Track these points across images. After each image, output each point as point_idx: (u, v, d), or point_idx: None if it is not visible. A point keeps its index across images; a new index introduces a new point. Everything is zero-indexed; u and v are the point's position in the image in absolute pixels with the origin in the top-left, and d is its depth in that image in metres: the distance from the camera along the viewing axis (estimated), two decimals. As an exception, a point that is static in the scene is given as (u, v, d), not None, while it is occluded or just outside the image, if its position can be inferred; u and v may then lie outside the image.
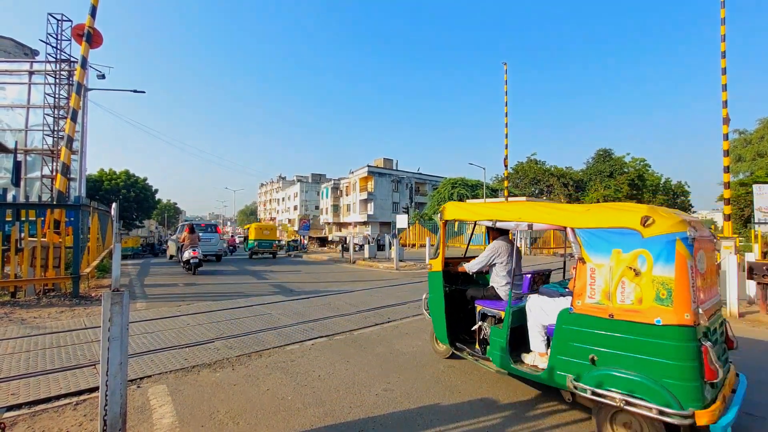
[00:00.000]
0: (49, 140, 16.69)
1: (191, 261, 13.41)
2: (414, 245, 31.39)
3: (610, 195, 41.17)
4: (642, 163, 48.51)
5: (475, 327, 4.15)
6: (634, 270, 2.76)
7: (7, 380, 3.96)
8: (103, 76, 18.84)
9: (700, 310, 2.62)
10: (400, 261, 16.14)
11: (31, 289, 8.73)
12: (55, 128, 16.54)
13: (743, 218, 32.97)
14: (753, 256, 8.40)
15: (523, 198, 32.04)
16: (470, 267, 4.41)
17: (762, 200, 19.81)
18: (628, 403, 2.64)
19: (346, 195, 63.06)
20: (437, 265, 4.47)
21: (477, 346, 4.10)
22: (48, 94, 16.73)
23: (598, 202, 40.46)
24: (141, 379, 4.10)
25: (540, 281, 4.41)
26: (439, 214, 4.59)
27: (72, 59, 16.72)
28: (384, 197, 56.20)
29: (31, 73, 18.12)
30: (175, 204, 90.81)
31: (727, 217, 11.92)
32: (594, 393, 2.81)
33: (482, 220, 4.34)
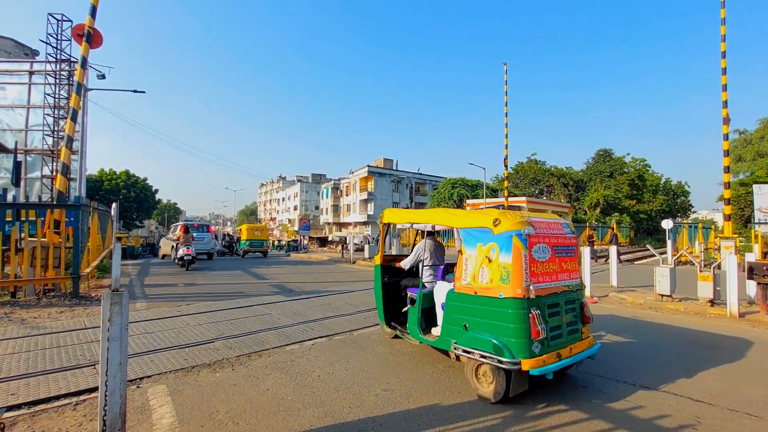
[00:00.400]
0: (49, 140, 16.69)
1: (185, 258, 14.60)
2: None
3: (611, 195, 41.17)
4: (642, 164, 48.53)
5: (405, 309, 4.95)
6: (488, 258, 3.71)
7: (7, 380, 3.96)
8: (103, 76, 18.84)
9: (531, 287, 3.48)
10: (400, 261, 16.11)
11: (31, 289, 8.74)
12: (55, 128, 16.54)
13: (743, 218, 32.97)
14: (753, 256, 8.41)
15: (523, 198, 32.01)
16: (404, 264, 5.21)
17: (762, 200, 19.82)
18: (483, 357, 3.57)
19: (347, 195, 63.05)
20: (377, 260, 5.54)
21: (406, 326, 4.87)
22: (48, 94, 16.73)
23: (598, 202, 40.56)
24: (141, 379, 4.10)
25: (451, 270, 4.95)
26: (379, 218, 5.63)
27: (72, 59, 16.72)
28: (384, 197, 56.19)
29: (31, 73, 18.12)
30: (175, 204, 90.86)
31: (728, 217, 11.92)
32: (465, 351, 3.74)
33: (406, 224, 5.37)
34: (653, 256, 21.00)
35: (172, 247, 17.73)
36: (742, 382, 4.12)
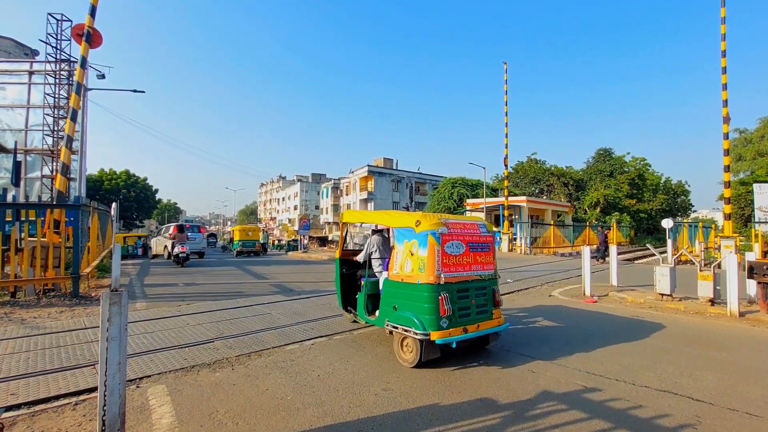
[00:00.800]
0: (49, 140, 16.69)
1: (180, 255, 15.99)
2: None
3: (611, 194, 41.14)
4: (642, 163, 48.51)
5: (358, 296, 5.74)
6: (411, 252, 4.60)
7: (7, 380, 3.96)
8: (103, 76, 18.84)
9: (442, 275, 4.34)
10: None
11: (31, 289, 8.74)
12: (55, 128, 16.54)
13: (744, 217, 32.95)
14: (753, 256, 8.39)
15: (524, 197, 31.99)
16: (359, 258, 5.99)
17: (762, 199, 19.82)
18: (405, 330, 4.45)
19: (347, 195, 63.04)
20: (337, 254, 6.47)
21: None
22: (48, 94, 16.73)
23: (598, 201, 40.53)
24: (140, 379, 4.10)
25: None
26: (338, 218, 6.88)
27: (72, 59, 16.72)
28: (384, 197, 56.18)
29: (31, 73, 18.13)
30: (176, 204, 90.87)
31: (728, 217, 11.92)
32: (393, 327, 4.64)
33: (357, 223, 6.72)
34: (653, 255, 21.01)
35: (165, 246, 18.88)
36: (741, 382, 4.12)
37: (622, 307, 8.29)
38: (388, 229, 6.26)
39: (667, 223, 15.45)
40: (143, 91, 21.09)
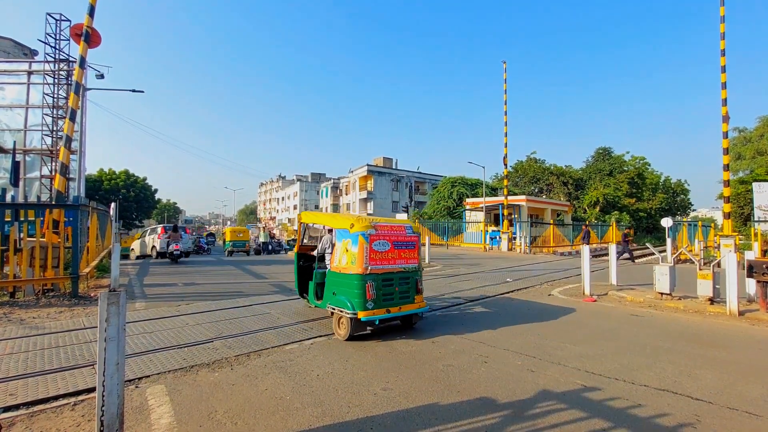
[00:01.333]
0: (48, 140, 16.67)
1: (174, 253, 17.69)
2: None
3: (610, 193, 41.14)
4: (641, 162, 48.52)
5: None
6: (347, 248, 5.66)
7: (6, 380, 3.95)
8: (102, 76, 18.81)
9: (369, 268, 5.40)
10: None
11: (30, 289, 8.73)
12: (54, 128, 16.52)
13: (743, 216, 32.97)
14: (753, 254, 8.39)
15: (523, 196, 31.99)
16: (315, 253, 6.90)
17: (761, 198, 19.82)
18: (341, 311, 5.49)
19: (346, 194, 63.04)
20: (296, 249, 7.57)
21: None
22: (47, 94, 16.71)
23: (598, 200, 40.53)
24: (139, 379, 4.09)
25: None
26: (297, 218, 8.36)
27: (71, 59, 16.70)
28: (384, 196, 56.19)
29: (29, 73, 18.09)
30: (175, 204, 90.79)
31: (727, 215, 11.92)
32: (332, 308, 5.73)
33: (311, 223, 7.86)
34: (653, 254, 21.01)
35: (153, 246, 20.35)
36: (741, 381, 4.12)
37: (621, 306, 8.29)
38: None
39: (666, 222, 15.44)
40: (142, 91, 21.05)
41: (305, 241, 8.24)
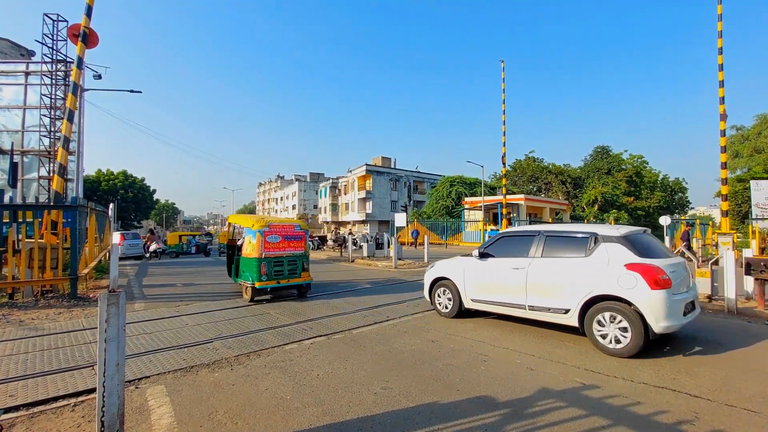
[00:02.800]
0: (46, 141, 16.63)
1: (157, 250, 21.76)
2: (413, 244, 31.39)
3: (608, 192, 41.21)
4: (640, 160, 48.57)
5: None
6: (250, 241, 8.44)
7: (5, 382, 3.95)
8: (99, 76, 18.78)
9: (263, 253, 8.17)
10: (399, 259, 16.13)
11: (29, 291, 8.71)
12: (52, 129, 16.48)
13: (741, 214, 33.05)
14: (750, 252, 8.42)
15: (522, 195, 32.03)
16: (240, 243, 9.56)
17: (759, 196, 19.85)
18: (246, 283, 8.42)
19: (345, 194, 63.00)
20: (225, 241, 12.70)
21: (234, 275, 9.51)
22: (44, 95, 16.67)
23: (596, 199, 40.61)
24: (139, 379, 4.09)
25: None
26: (227, 220, 12.95)
27: (68, 59, 16.65)
28: (382, 196, 56.18)
29: (27, 73, 18.03)
30: (173, 204, 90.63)
31: (725, 213, 11.95)
32: (242, 282, 8.71)
33: (237, 224, 10.67)
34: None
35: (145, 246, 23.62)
36: (739, 378, 4.14)
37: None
38: None
39: (664, 221, 15.43)
40: (140, 92, 21.01)
41: (233, 236, 11.48)
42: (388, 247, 20.20)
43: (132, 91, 20.64)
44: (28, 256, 8.52)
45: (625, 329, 4.77)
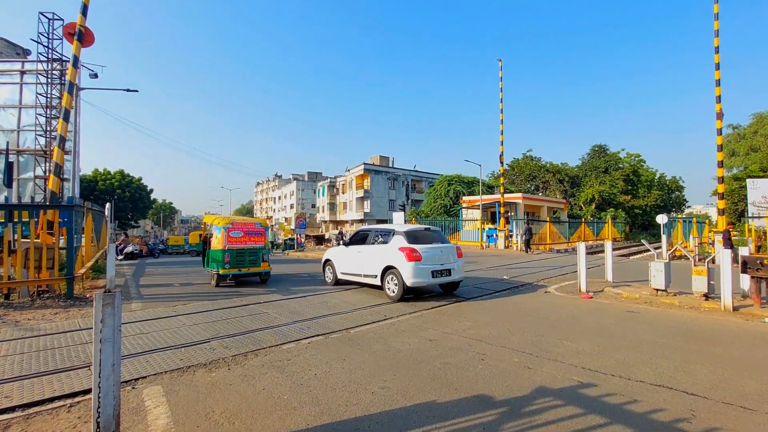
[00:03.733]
0: (42, 140, 16.53)
1: (134, 251, 23.06)
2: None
3: (606, 190, 41.34)
4: (637, 159, 48.75)
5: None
6: (217, 236, 10.63)
7: (1, 383, 3.93)
8: (95, 75, 18.69)
9: (227, 246, 10.14)
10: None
11: (25, 291, 8.67)
12: (48, 128, 16.37)
13: (737, 212, 33.20)
14: (747, 250, 8.45)
15: (519, 194, 32.08)
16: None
17: (755, 194, 19.94)
18: (213, 270, 10.57)
19: (343, 193, 62.97)
20: (201, 239, 13.73)
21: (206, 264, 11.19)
22: (40, 94, 16.55)
23: (594, 197, 40.73)
24: (136, 380, 4.07)
25: None
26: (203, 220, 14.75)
27: (64, 58, 16.55)
28: (380, 195, 56.18)
29: (22, 72, 17.91)
30: (171, 204, 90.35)
31: (721, 212, 12.00)
32: (210, 270, 10.85)
33: (209, 222, 12.08)
34: (648, 251, 21.14)
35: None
36: (735, 376, 4.16)
37: (617, 302, 8.34)
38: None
39: (661, 219, 15.49)
40: (136, 90, 20.92)
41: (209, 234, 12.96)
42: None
43: (128, 90, 20.53)
44: (24, 256, 8.47)
45: (396, 284, 8.22)
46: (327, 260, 10.91)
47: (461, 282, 9.23)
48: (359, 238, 9.86)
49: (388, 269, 8.44)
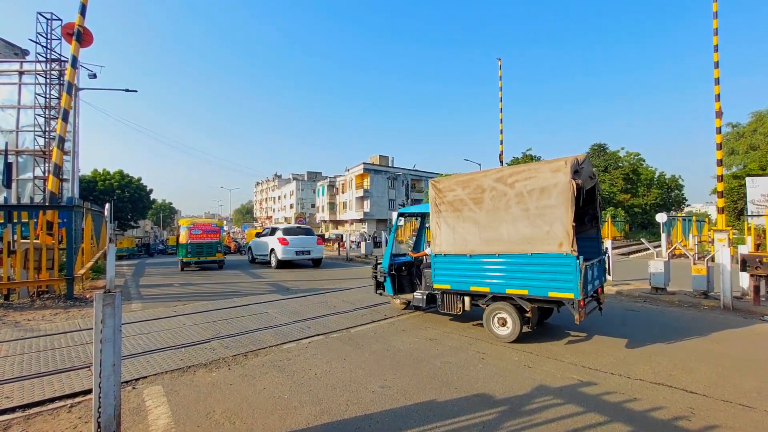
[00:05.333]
0: (41, 141, 16.50)
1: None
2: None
3: (605, 189, 41.31)
4: (636, 158, 48.73)
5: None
6: (183, 233, 15.34)
7: (1, 383, 3.93)
8: (94, 76, 18.65)
9: (189, 240, 14.74)
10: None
11: (25, 292, 8.66)
12: (47, 129, 16.35)
13: (736, 211, 33.24)
14: (746, 249, 8.46)
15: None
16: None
17: (755, 193, 19.94)
18: (179, 258, 16.04)
19: (342, 192, 62.91)
20: (173, 240, 26.94)
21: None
22: (39, 95, 16.52)
23: (594, 196, 40.68)
24: (136, 380, 4.08)
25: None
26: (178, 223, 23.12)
27: (63, 59, 16.51)
28: (380, 194, 56.14)
29: (21, 73, 17.87)
30: (171, 204, 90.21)
31: (721, 210, 11.99)
32: (178, 258, 16.55)
33: (180, 224, 17.43)
34: (648, 249, 21.15)
35: None
36: (735, 374, 4.17)
37: (616, 301, 8.35)
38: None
39: (661, 218, 15.48)
40: (135, 90, 20.86)
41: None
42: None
43: (127, 90, 20.49)
44: (24, 257, 8.47)
45: (275, 258, 15.21)
46: (249, 247, 18.45)
47: (321, 259, 16.27)
48: (264, 234, 17.13)
49: (272, 250, 15.43)
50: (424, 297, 6.20)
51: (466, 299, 5.65)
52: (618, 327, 6.17)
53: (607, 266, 6.34)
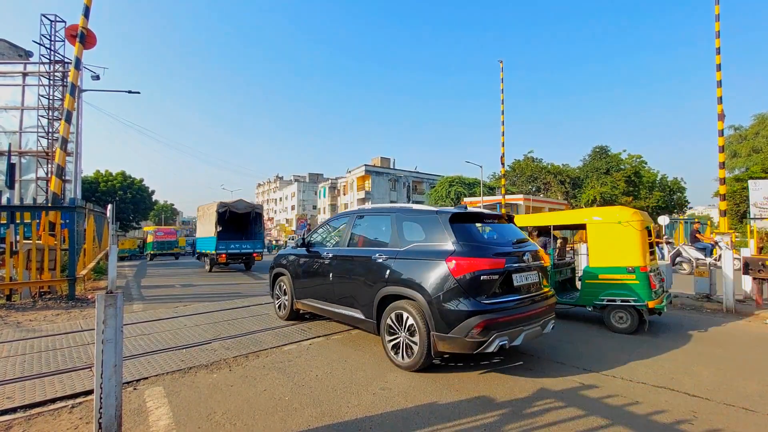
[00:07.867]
0: (44, 142, 16.60)
1: None
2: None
3: (607, 192, 41.25)
4: (638, 160, 48.63)
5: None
6: (150, 235, 29.38)
7: (2, 384, 3.93)
8: (97, 77, 18.73)
9: (155, 240, 28.45)
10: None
11: (27, 292, 8.69)
12: (50, 130, 16.44)
13: (739, 213, 33.13)
14: (749, 252, 8.44)
15: (521, 195, 32.08)
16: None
17: (757, 195, 19.87)
18: (147, 252, 28.82)
19: (344, 194, 62.97)
20: (134, 245, 33.81)
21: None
22: (42, 96, 16.63)
23: (595, 198, 40.65)
24: (137, 381, 4.08)
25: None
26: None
27: (66, 60, 16.62)
28: (381, 196, 56.18)
29: (24, 74, 17.99)
30: (172, 205, 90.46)
31: (723, 213, 11.96)
32: (148, 252, 28.95)
33: (147, 230, 33.09)
34: (650, 252, 20.97)
35: None
36: (737, 377, 4.15)
37: (619, 304, 8.31)
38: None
39: (663, 220, 15.47)
40: (138, 92, 20.97)
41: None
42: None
43: (130, 92, 20.59)
44: (26, 258, 8.50)
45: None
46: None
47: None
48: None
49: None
50: None
51: None
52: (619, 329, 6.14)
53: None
